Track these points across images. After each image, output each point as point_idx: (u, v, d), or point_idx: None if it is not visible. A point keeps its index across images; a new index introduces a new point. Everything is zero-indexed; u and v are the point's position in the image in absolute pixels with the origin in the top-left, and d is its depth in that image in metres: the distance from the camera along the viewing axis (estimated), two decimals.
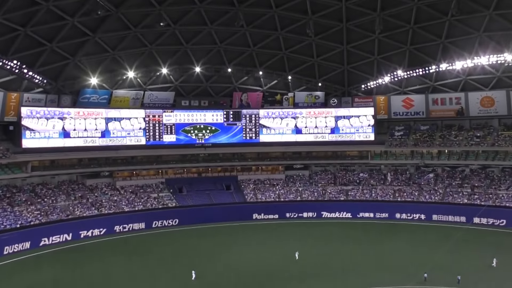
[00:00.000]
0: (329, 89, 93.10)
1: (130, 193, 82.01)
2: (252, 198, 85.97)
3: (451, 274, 49.97)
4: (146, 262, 58.38)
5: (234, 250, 63.39)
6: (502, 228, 72.40)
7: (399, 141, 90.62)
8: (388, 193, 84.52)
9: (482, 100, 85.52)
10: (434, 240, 64.72)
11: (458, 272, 49.71)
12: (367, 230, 73.60)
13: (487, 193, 78.67)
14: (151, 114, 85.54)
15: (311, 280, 50.15)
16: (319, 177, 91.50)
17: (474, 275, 49.53)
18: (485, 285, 47.24)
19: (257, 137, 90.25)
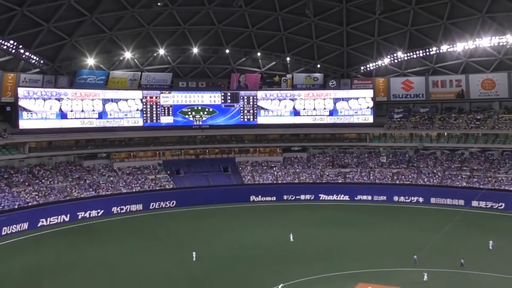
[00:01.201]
0: (328, 71, 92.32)
1: (127, 174, 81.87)
2: (249, 180, 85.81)
3: (447, 256, 50.11)
4: (144, 244, 58.32)
5: (231, 232, 63.32)
6: (501, 212, 72.23)
7: (398, 123, 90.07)
8: (386, 175, 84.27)
9: (483, 83, 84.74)
10: (431, 223, 64.53)
11: (456, 255, 50.00)
12: (365, 212, 73.49)
13: (486, 177, 78.37)
14: (149, 95, 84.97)
15: (304, 261, 50.05)
16: (317, 160, 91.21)
17: (470, 258, 49.35)
18: (481, 266, 47.09)
19: (255, 119, 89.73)
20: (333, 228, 63.92)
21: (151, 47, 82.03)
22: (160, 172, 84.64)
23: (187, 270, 48.67)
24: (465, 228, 60.76)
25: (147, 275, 47.30)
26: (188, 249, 54.02)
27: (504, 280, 44.18)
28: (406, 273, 44.92)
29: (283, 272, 46.62)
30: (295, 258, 51.26)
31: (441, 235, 54.48)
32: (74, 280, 46.03)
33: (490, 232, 58.82)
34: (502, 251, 52.45)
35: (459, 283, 43.75)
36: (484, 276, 45.24)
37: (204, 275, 46.90)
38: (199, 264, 50.26)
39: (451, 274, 45.78)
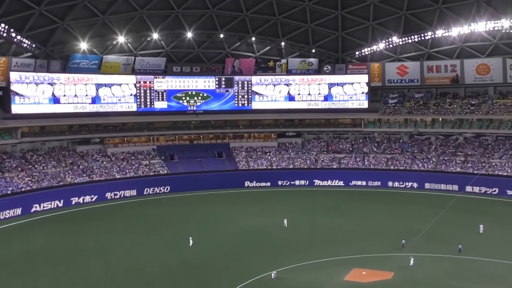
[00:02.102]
0: (323, 55, 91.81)
1: (121, 160, 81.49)
2: (244, 166, 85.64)
3: (439, 241, 50.35)
4: (139, 229, 58.18)
5: (225, 217, 63.25)
6: (494, 197, 72.57)
7: (393, 109, 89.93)
8: (380, 161, 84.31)
9: (477, 68, 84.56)
10: (426, 209, 64.67)
11: (447, 240, 50.57)
12: (359, 198, 73.62)
13: (480, 162, 78.54)
14: (142, 80, 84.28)
15: (298, 247, 50.04)
16: (311, 145, 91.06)
17: (460, 242, 49.49)
18: (471, 251, 47.44)
19: (249, 104, 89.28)
20: (327, 214, 64.00)
21: (144, 32, 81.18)
22: (154, 158, 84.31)
23: (183, 255, 48.53)
24: (458, 213, 60.88)
25: (142, 260, 47.13)
26: (183, 235, 53.92)
27: (491, 264, 44.55)
28: (400, 258, 44.96)
29: (278, 257, 46.62)
30: (290, 244, 51.28)
31: (435, 221, 54.56)
32: (69, 266, 45.83)
33: (483, 217, 59.21)
34: (492, 235, 52.93)
35: (446, 268, 43.92)
36: (472, 260, 45.53)
37: (199, 261, 46.78)
38: (195, 249, 50.16)
39: (440, 259, 45.94)
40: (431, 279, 41.25)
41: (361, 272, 42.96)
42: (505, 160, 77.27)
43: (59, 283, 41.82)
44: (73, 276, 43.17)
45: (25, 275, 43.53)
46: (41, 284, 41.52)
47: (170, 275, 43.37)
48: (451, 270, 43.48)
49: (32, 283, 41.69)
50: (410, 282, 40.68)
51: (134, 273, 43.80)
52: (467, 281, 40.62)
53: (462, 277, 41.47)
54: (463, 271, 43.04)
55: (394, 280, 41.25)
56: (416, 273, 42.57)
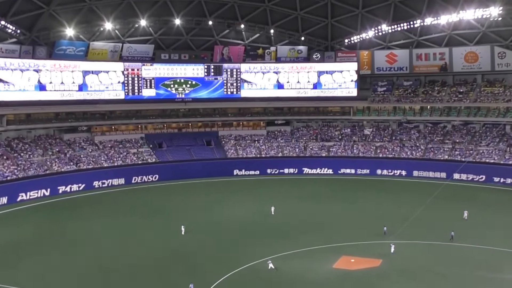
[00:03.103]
0: (312, 43, 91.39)
1: (109, 148, 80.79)
2: (233, 154, 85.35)
3: (424, 228, 50.72)
4: (129, 218, 57.81)
5: (215, 206, 62.94)
6: (481, 184, 73.15)
7: (382, 97, 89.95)
8: (369, 149, 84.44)
9: (466, 56, 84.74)
10: (414, 196, 64.94)
11: (432, 227, 51.13)
12: (348, 186, 73.82)
13: (468, 149, 78.97)
14: (130, 68, 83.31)
15: (287, 235, 50.02)
16: (300, 133, 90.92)
17: (446, 227, 50.43)
18: (457, 236, 48.15)
19: (238, 92, 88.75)
20: (316, 202, 64.02)
21: (132, 18, 79.99)
22: (142, 146, 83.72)
23: (173, 244, 48.30)
24: (445, 201, 61.15)
25: (131, 249, 46.88)
26: (172, 223, 53.79)
27: (476, 250, 45.07)
28: (388, 245, 45.03)
29: (267, 245, 46.58)
30: (278, 232, 51.21)
31: (422, 208, 54.83)
32: (56, 256, 45.41)
33: (469, 204, 59.77)
34: (477, 221, 53.54)
35: (433, 254, 44.25)
36: (459, 247, 45.98)
37: (188, 249, 46.61)
38: (185, 238, 49.96)
39: (427, 246, 46.32)
40: (418, 266, 41.46)
41: (349, 260, 43.07)
42: (492, 147, 77.76)
43: (46, 272, 41.41)
44: (61, 266, 42.80)
45: (12, 265, 43.03)
46: (28, 274, 41.00)
47: (159, 263, 43.12)
48: (438, 256, 43.75)
49: (19, 273, 41.16)
50: (398, 269, 40.85)
51: (123, 262, 43.52)
52: (455, 267, 40.86)
53: (450, 264, 41.71)
54: (450, 258, 43.29)
55: (382, 267, 41.40)
56: (404, 260, 42.78)
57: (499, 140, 79.19)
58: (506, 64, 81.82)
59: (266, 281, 39.03)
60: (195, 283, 37.15)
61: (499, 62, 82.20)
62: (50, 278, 40.35)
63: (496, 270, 40.23)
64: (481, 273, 39.70)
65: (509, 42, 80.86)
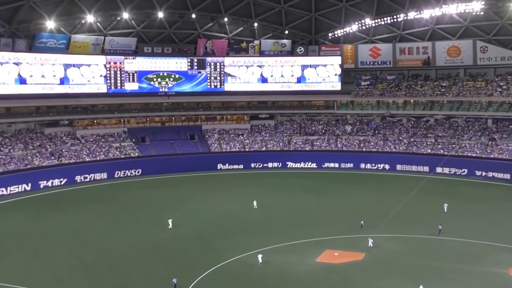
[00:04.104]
0: (296, 37, 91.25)
1: (91, 142, 79.86)
2: (216, 148, 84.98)
3: (408, 221, 51.14)
4: (111, 213, 57.32)
5: (197, 200, 62.70)
6: (464, 177, 73.73)
7: (365, 90, 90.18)
8: (353, 143, 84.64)
9: (448, 50, 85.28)
10: (397, 190, 65.13)
11: (414, 220, 51.66)
12: (332, 180, 73.89)
13: (450, 143, 79.53)
14: (112, 61, 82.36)
15: (271, 229, 49.92)
16: (284, 127, 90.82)
17: (428, 220, 51.53)
18: (433, 226, 49.06)
19: (222, 86, 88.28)
20: (300, 196, 64.04)
21: (114, 11, 79.09)
22: (125, 140, 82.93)
23: (156, 238, 47.92)
24: (427, 194, 61.38)
25: (114, 244, 46.41)
26: (156, 218, 53.58)
27: (451, 242, 45.63)
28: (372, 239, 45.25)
29: (251, 239, 46.50)
30: (262, 226, 51.15)
31: (405, 202, 55.09)
32: (38, 251, 44.80)
33: (451, 197, 60.38)
34: (456, 214, 54.07)
35: (415, 247, 44.60)
36: (434, 239, 46.52)
37: (171, 244, 46.33)
38: (167, 232, 49.62)
39: (409, 239, 46.58)
40: (400, 259, 41.72)
41: (333, 253, 43.14)
42: (474, 141, 78.42)
43: (29, 268, 40.86)
44: (43, 261, 42.26)
45: None
46: (9, 271, 40.36)
47: (143, 258, 42.83)
48: (420, 249, 44.10)
49: (0, 269, 40.54)
50: (380, 263, 41.03)
51: (106, 257, 43.12)
52: (436, 260, 41.13)
53: (431, 257, 42.00)
54: (431, 251, 43.62)
55: (365, 261, 41.58)
56: (386, 253, 43.03)
57: (481, 134, 79.88)
58: (488, 59, 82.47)
59: (249, 275, 38.92)
60: (179, 277, 36.89)
61: (481, 56, 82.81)
62: (33, 273, 39.82)
63: (476, 262, 40.63)
64: (462, 265, 40.03)
65: (491, 37, 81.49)
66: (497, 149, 75.17)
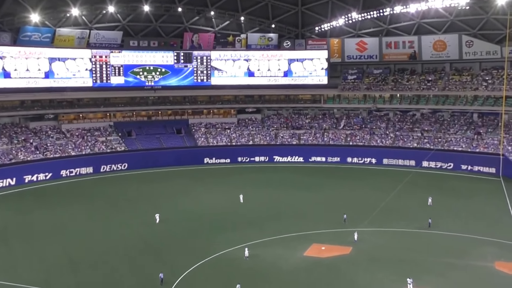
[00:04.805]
0: (283, 31, 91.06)
1: (76, 136, 79.15)
2: (203, 142, 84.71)
3: (394, 215, 51.51)
4: (98, 207, 57.03)
5: (184, 194, 62.56)
6: (449, 171, 74.25)
7: (352, 84, 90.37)
8: (340, 137, 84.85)
9: (434, 44, 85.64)
10: (383, 184, 65.47)
11: (399, 214, 52.14)
12: (318, 174, 74.01)
13: (436, 137, 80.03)
14: (98, 55, 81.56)
15: (258, 223, 50.00)
16: (271, 121, 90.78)
17: (412, 213, 52.51)
18: (418, 219, 49.85)
19: (208, 79, 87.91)
20: (287, 190, 64.08)
21: (99, 4, 78.31)
22: (111, 134, 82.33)
23: (144, 233, 47.75)
24: (413, 188, 61.84)
25: (100, 239, 46.17)
26: (143, 212, 53.41)
27: (436, 236, 46.13)
28: (358, 233, 45.41)
29: (238, 234, 46.53)
30: (250, 220, 51.19)
31: (391, 196, 55.41)
32: (24, 246, 44.43)
33: (437, 191, 60.95)
34: (440, 208, 54.61)
35: (401, 241, 44.94)
36: (420, 233, 46.98)
37: (159, 239, 46.19)
38: (155, 227, 49.48)
39: (390, 233, 47.00)
40: (387, 252, 41.96)
41: (320, 248, 43.27)
42: (460, 135, 79.02)
43: (15, 265, 40.46)
44: (29, 257, 41.89)
45: None
46: None
47: (130, 253, 42.69)
48: (406, 243, 44.43)
49: None
50: (367, 256, 41.26)
51: (92, 252, 42.88)
52: (422, 253, 41.51)
53: (417, 250, 42.37)
54: (418, 244, 43.98)
55: (352, 255, 41.80)
56: (373, 247, 43.27)
57: (466, 128, 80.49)
58: (474, 53, 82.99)
59: (237, 269, 38.92)
60: (165, 272, 36.77)
61: (466, 50, 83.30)
62: (19, 269, 39.47)
63: (462, 256, 41.00)
64: (448, 259, 40.37)
65: (476, 31, 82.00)
66: (483, 143, 75.81)
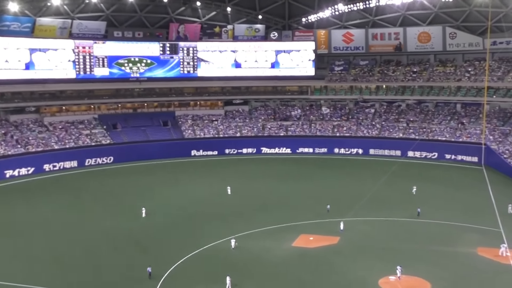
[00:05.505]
0: (270, 22, 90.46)
1: (60, 129, 77.79)
2: (190, 134, 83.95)
3: (381, 205, 51.69)
4: (83, 202, 56.12)
5: (171, 187, 61.95)
6: (434, 161, 74.77)
7: (338, 76, 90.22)
8: (327, 128, 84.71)
9: (419, 36, 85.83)
10: (370, 174, 65.64)
11: (384, 203, 52.30)
12: (306, 165, 73.86)
13: (421, 128, 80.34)
14: (81, 45, 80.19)
15: (246, 215, 49.73)
16: (258, 113, 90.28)
17: (396, 201, 53.25)
18: (404, 208, 50.32)
19: (195, 71, 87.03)
20: (274, 181, 63.83)
21: None
22: (95, 127, 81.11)
23: (131, 227, 47.02)
24: (398, 178, 62.13)
25: (86, 233, 45.40)
26: (129, 206, 52.76)
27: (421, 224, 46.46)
28: (346, 223, 45.30)
29: (226, 226, 46.11)
30: (238, 212, 50.78)
31: (377, 186, 55.51)
32: (7, 242, 43.45)
33: (422, 180, 61.37)
34: (425, 196, 54.89)
35: (388, 230, 45.08)
36: (406, 221, 47.34)
37: (147, 232, 45.57)
38: (144, 220, 48.93)
39: (377, 222, 47.19)
40: (374, 242, 42.01)
41: (308, 238, 43.13)
42: (444, 125, 79.46)
43: None
44: (13, 253, 40.96)
45: None
46: None
47: (117, 247, 42.05)
48: (393, 232, 44.63)
49: None
50: (355, 246, 41.26)
51: (79, 246, 42.13)
52: (408, 242, 41.65)
53: (404, 239, 42.55)
54: (404, 233, 44.17)
55: (340, 245, 41.73)
56: (360, 236, 43.30)
57: (450, 119, 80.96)
58: (457, 44, 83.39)
59: (226, 261, 38.47)
60: (153, 266, 36.18)
61: (450, 42, 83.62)
62: (3, 265, 38.54)
63: (447, 243, 41.25)
64: (433, 246, 40.60)
65: (459, 23, 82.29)
66: (466, 133, 76.43)
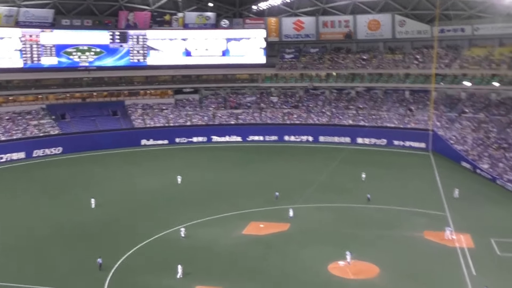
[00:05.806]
0: (221, 10, 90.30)
1: (6, 120, 75.80)
2: (140, 124, 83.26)
3: (330, 191, 52.98)
4: (32, 193, 55.32)
5: (121, 177, 61.65)
6: (383, 147, 76.87)
7: (289, 64, 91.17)
8: (277, 116, 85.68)
9: (369, 23, 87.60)
10: (320, 161, 67.08)
11: (332, 190, 53.54)
12: (256, 153, 74.73)
13: (370, 114, 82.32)
14: (28, 34, 77.91)
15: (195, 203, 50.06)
16: (209, 101, 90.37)
17: (346, 187, 54.56)
18: (354, 195, 51.74)
19: (145, 59, 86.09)
20: (224, 170, 64.48)
21: None
22: (43, 117, 79.36)
23: (79, 218, 46.60)
24: (348, 164, 63.77)
25: (35, 225, 44.88)
26: (79, 197, 52.37)
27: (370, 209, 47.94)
28: (296, 209, 46.36)
29: (176, 215, 46.40)
30: (187, 201, 51.13)
31: (327, 173, 56.79)
32: None
33: (371, 166, 62.98)
34: (374, 182, 56.57)
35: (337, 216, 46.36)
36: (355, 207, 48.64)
37: (97, 223, 45.26)
38: (93, 211, 48.58)
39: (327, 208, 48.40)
40: (324, 228, 43.16)
41: (258, 225, 43.89)
42: (393, 112, 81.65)
43: None
44: None
45: None
46: None
47: (66, 239, 41.68)
48: (343, 218, 45.86)
49: None
50: (305, 232, 42.30)
51: (27, 240, 41.56)
52: (357, 227, 42.97)
53: (354, 224, 43.84)
54: (353, 218, 45.51)
55: (290, 231, 42.68)
56: (310, 223, 44.34)
57: (399, 105, 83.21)
58: (406, 32, 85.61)
59: (176, 250, 38.87)
60: (104, 257, 36.16)
61: (399, 30, 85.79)
62: None
63: (395, 227, 42.85)
64: (381, 231, 42.04)
65: (408, 11, 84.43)
66: (414, 119, 78.70)
